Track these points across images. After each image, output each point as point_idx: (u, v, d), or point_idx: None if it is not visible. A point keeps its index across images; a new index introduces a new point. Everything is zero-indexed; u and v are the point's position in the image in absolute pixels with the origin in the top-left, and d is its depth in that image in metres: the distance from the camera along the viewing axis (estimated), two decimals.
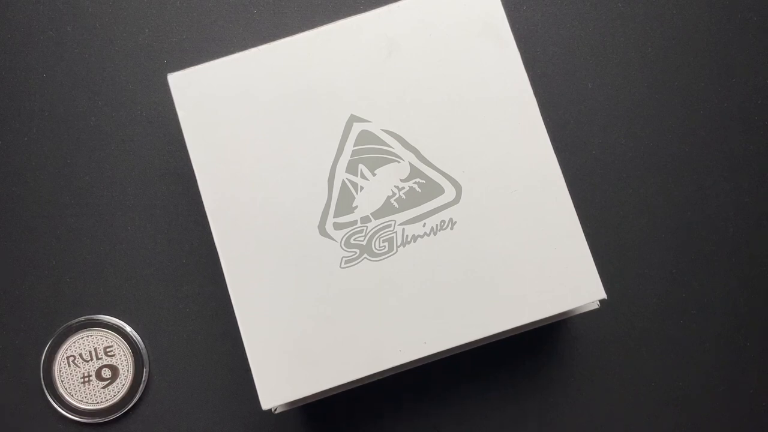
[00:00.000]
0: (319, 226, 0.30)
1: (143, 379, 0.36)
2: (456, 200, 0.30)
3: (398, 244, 0.30)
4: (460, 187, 0.30)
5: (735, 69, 0.39)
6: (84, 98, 0.38)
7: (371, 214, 0.30)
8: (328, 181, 0.30)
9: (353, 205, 0.30)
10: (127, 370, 0.36)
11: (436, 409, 0.37)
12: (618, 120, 0.39)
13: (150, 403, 0.36)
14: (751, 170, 0.39)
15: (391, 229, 0.30)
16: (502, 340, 0.33)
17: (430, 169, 0.31)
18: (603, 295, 0.30)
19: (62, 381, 0.36)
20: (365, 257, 0.30)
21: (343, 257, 0.30)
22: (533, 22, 0.39)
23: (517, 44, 0.31)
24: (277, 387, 0.29)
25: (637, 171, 0.38)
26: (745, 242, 0.38)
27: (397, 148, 0.31)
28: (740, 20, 0.39)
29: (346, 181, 0.30)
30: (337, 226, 0.30)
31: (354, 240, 0.30)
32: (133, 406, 0.36)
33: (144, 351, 0.36)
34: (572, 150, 0.38)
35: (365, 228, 0.30)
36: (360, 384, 0.31)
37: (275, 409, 0.31)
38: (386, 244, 0.30)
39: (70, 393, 0.36)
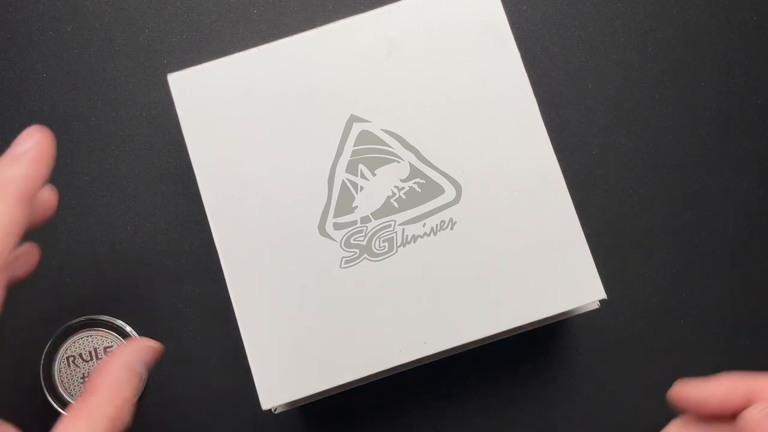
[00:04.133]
0: (319, 227, 0.30)
1: (143, 379, 0.36)
2: (456, 200, 0.30)
3: (398, 244, 0.30)
4: (460, 187, 0.30)
5: (735, 69, 0.39)
6: (84, 98, 0.38)
7: (371, 214, 0.30)
8: (328, 181, 0.30)
9: (353, 205, 0.30)
10: None
11: (436, 409, 0.37)
12: (618, 120, 0.39)
13: (150, 403, 0.36)
14: (751, 170, 0.38)
15: (391, 229, 0.30)
16: (502, 340, 0.33)
17: (430, 169, 0.31)
18: (603, 295, 0.30)
19: (62, 381, 0.36)
20: (365, 257, 0.30)
21: (343, 257, 0.30)
22: (533, 22, 0.39)
23: (517, 44, 0.31)
24: (277, 387, 0.29)
25: (637, 171, 0.38)
26: (745, 242, 0.38)
27: (397, 148, 0.31)
28: (740, 20, 0.39)
29: (346, 181, 0.30)
30: (337, 226, 0.30)
31: (354, 240, 0.30)
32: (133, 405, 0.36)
33: None
34: (572, 150, 0.38)
35: (365, 228, 0.30)
36: (360, 384, 0.31)
37: (275, 409, 0.31)
38: (386, 244, 0.30)
39: (70, 393, 0.36)
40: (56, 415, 0.36)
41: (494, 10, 0.31)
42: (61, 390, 0.36)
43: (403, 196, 0.30)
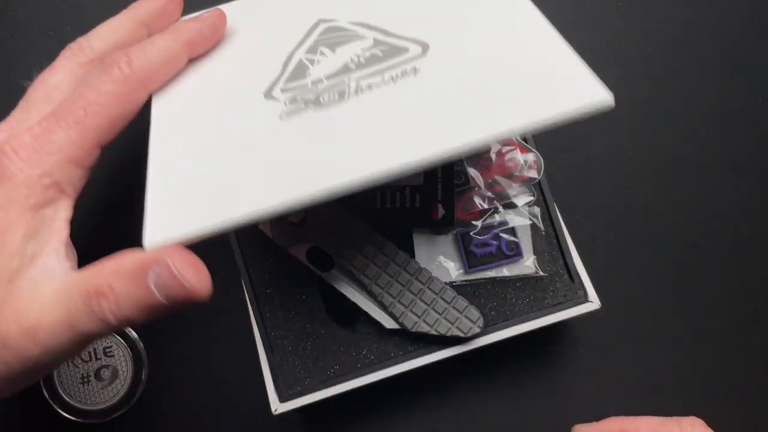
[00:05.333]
0: (265, 93, 0.27)
1: (142, 379, 0.36)
2: (422, 55, 0.26)
3: (350, 93, 0.25)
4: (427, 46, 0.26)
5: (735, 69, 0.39)
6: None
7: (324, 76, 0.26)
8: (284, 62, 0.28)
9: (306, 74, 0.27)
10: (126, 371, 0.36)
11: (436, 409, 0.37)
12: (618, 120, 0.39)
13: (149, 403, 0.36)
14: (751, 170, 0.39)
15: (344, 84, 0.26)
16: (502, 339, 0.33)
17: (395, 38, 0.27)
18: (610, 101, 0.22)
19: (61, 381, 0.36)
20: (310, 108, 0.25)
21: (285, 111, 0.26)
22: None
23: None
24: (173, 218, 0.23)
25: (637, 171, 0.38)
26: (745, 242, 0.38)
27: (363, 31, 0.28)
28: (740, 20, 0.39)
29: (304, 60, 0.27)
30: (285, 90, 0.26)
31: (300, 97, 0.26)
32: (132, 406, 0.36)
33: (143, 351, 0.36)
34: (572, 150, 0.38)
35: (315, 88, 0.26)
36: (356, 384, 0.31)
37: (275, 410, 0.31)
38: (336, 95, 0.25)
39: (69, 393, 0.36)
40: (56, 415, 0.36)
41: None
42: (60, 390, 0.36)
43: (363, 61, 0.26)
